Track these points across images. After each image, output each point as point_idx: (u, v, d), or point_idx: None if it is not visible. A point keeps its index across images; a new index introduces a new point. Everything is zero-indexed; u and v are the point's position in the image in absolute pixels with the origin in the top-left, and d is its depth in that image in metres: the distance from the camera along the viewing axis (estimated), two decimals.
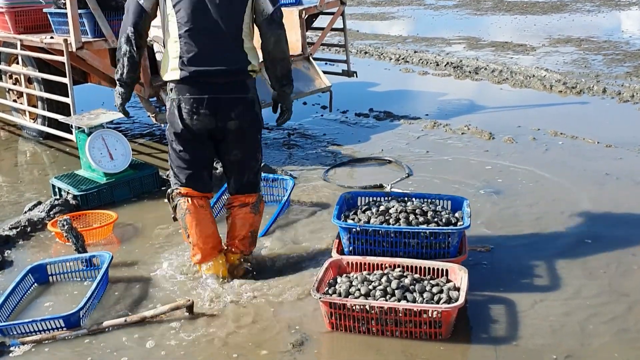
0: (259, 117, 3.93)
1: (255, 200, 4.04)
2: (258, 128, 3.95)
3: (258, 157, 4.01)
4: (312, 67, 7.02)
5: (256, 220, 4.08)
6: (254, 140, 3.94)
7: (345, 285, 3.49)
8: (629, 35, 12.57)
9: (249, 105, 3.83)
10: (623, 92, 8.09)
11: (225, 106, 3.75)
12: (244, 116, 3.81)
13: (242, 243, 4.06)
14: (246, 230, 4.03)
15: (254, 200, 4.04)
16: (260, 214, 4.09)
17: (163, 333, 3.48)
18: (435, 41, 12.80)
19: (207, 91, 3.72)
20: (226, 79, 3.74)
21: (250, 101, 3.84)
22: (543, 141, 6.45)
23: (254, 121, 3.89)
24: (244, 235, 4.04)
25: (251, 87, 3.84)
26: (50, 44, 6.07)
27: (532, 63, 10.23)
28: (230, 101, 3.76)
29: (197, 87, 3.72)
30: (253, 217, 4.05)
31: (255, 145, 3.96)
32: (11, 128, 7.68)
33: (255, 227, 4.10)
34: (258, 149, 3.99)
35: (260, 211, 4.08)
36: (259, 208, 4.07)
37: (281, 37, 3.86)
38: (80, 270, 4.10)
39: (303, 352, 3.28)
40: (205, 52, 3.69)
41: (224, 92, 3.75)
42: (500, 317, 3.52)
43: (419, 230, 3.77)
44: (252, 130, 3.90)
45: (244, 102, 3.81)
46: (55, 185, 5.30)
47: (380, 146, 6.52)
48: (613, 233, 4.44)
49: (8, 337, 3.47)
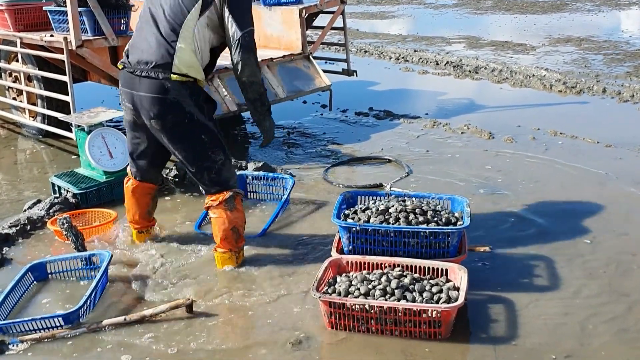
0: (194, 117, 3.82)
1: (226, 197, 3.98)
2: (193, 128, 3.85)
3: (211, 156, 3.91)
4: (312, 66, 7.02)
5: (234, 217, 4.01)
6: (193, 140, 3.86)
7: (345, 284, 3.49)
8: (629, 35, 12.57)
9: (171, 106, 3.77)
10: (623, 92, 8.10)
11: (145, 104, 3.81)
12: (166, 117, 3.79)
13: (226, 242, 4.05)
14: (225, 229, 4.01)
15: (225, 197, 3.98)
16: (237, 210, 4.01)
17: (162, 332, 3.48)
18: (435, 40, 12.80)
19: (130, 85, 3.85)
20: (142, 72, 3.78)
21: (171, 102, 3.77)
22: (543, 141, 6.45)
23: (181, 122, 3.82)
24: (224, 234, 4.02)
25: (173, 89, 3.75)
26: (50, 42, 6.06)
27: (532, 62, 10.23)
28: (147, 100, 3.79)
29: (123, 78, 3.89)
30: (229, 215, 3.99)
31: (198, 144, 3.88)
32: (11, 126, 7.67)
33: (236, 224, 4.02)
34: (206, 148, 3.89)
35: (236, 207, 4.01)
36: (234, 204, 3.99)
37: (248, 62, 3.88)
38: (80, 268, 4.09)
39: (302, 351, 3.28)
40: (137, 44, 3.88)
41: (142, 89, 3.79)
42: (499, 317, 3.52)
43: (419, 230, 3.76)
44: (182, 131, 3.84)
45: (164, 103, 3.76)
46: (55, 184, 5.29)
47: (380, 145, 6.52)
48: (613, 233, 4.44)
49: (7, 335, 3.47)
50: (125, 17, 6.01)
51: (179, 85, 3.77)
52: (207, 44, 3.88)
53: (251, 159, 6.04)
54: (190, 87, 3.82)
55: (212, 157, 3.92)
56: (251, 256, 4.27)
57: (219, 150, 3.94)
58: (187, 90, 3.80)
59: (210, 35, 3.87)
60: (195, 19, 3.77)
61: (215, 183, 3.99)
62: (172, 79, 3.75)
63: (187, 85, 3.81)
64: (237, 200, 4.03)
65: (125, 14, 6.00)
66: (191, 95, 3.82)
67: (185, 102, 3.80)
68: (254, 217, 4.88)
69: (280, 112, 7.72)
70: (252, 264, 4.17)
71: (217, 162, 3.95)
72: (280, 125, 7.39)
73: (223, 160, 3.96)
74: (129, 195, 4.35)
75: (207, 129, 3.90)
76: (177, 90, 3.77)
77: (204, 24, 3.80)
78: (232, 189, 4.02)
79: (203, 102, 3.91)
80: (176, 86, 3.77)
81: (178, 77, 3.76)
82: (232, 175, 4.07)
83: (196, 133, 3.87)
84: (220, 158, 3.95)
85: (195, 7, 3.77)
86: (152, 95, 3.77)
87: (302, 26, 6.98)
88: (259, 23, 7.33)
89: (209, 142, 3.91)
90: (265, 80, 6.55)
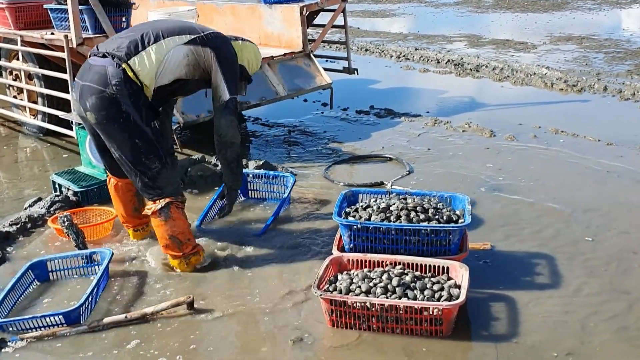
0: (129, 118, 3.76)
1: (160, 207, 3.91)
2: (126, 129, 3.79)
3: (145, 162, 3.84)
4: (312, 64, 7.02)
5: (169, 226, 3.93)
6: (125, 142, 3.81)
7: (346, 282, 3.48)
8: (630, 33, 12.55)
9: (107, 101, 3.75)
10: (624, 90, 8.09)
11: (84, 94, 3.81)
12: (99, 111, 3.77)
13: (169, 250, 4.02)
14: (164, 238, 3.98)
15: (158, 207, 3.91)
16: (172, 219, 3.92)
17: (163, 330, 3.48)
18: (436, 38, 12.79)
19: (80, 75, 3.88)
20: (97, 57, 3.83)
21: (108, 97, 3.74)
22: (544, 139, 6.44)
23: (115, 120, 3.77)
24: (164, 243, 4.00)
25: (113, 83, 3.73)
26: (50, 40, 6.06)
27: (533, 61, 10.22)
28: (87, 89, 3.79)
29: (81, 69, 3.94)
30: (163, 225, 3.93)
31: (131, 148, 3.81)
32: (11, 124, 7.66)
33: (173, 232, 3.94)
34: (140, 154, 3.83)
35: (171, 216, 3.91)
36: (169, 213, 3.91)
37: (233, 123, 4.02)
38: (81, 266, 4.09)
39: (303, 349, 3.28)
40: (113, 40, 3.97)
41: (87, 78, 3.81)
42: (501, 315, 3.51)
43: (420, 228, 3.76)
44: (115, 129, 3.80)
45: (100, 95, 3.74)
46: (56, 182, 5.29)
47: (381, 144, 6.51)
48: (614, 231, 4.44)
49: (8, 333, 3.47)
50: (125, 15, 6.00)
51: (123, 80, 3.74)
52: (174, 70, 3.90)
53: (252, 158, 6.04)
54: (134, 88, 3.79)
55: (146, 163, 3.86)
56: (252, 254, 4.27)
57: (154, 157, 3.86)
58: (128, 89, 3.76)
59: (181, 66, 3.90)
60: (179, 43, 3.87)
61: (149, 188, 3.92)
62: (122, 67, 3.75)
63: (131, 85, 3.78)
64: (172, 209, 3.93)
65: (125, 12, 5.99)
66: (130, 96, 3.78)
67: (123, 101, 3.76)
68: (255, 215, 4.88)
69: (281, 110, 7.72)
70: (253, 262, 4.17)
71: (152, 169, 3.87)
72: (281, 123, 7.39)
73: (159, 168, 3.88)
74: (113, 194, 4.38)
75: (142, 133, 3.82)
76: (118, 86, 3.74)
77: (184, 53, 3.88)
78: (167, 197, 3.93)
79: (143, 106, 3.84)
80: (119, 80, 3.73)
81: (128, 69, 3.75)
82: (169, 183, 3.96)
83: (129, 135, 3.81)
84: (156, 166, 3.87)
85: (186, 35, 3.91)
86: (93, 85, 3.76)
87: (302, 24, 6.97)
88: (260, 21, 7.35)
89: (144, 148, 3.83)
90: (266, 78, 6.55)
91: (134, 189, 4.25)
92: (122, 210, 4.41)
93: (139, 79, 3.80)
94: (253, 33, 7.41)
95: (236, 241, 4.45)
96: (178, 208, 3.98)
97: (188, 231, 4.04)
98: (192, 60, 3.91)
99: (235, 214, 4.77)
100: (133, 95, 3.79)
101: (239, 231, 4.62)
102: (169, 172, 3.97)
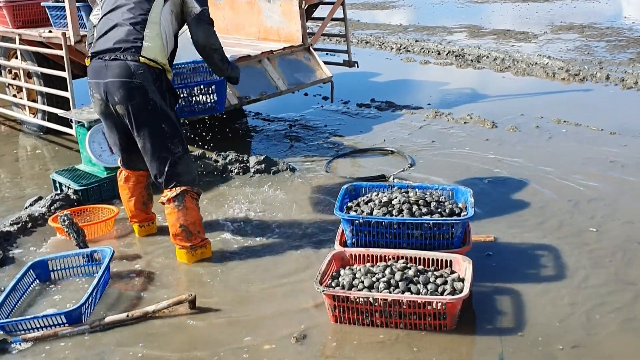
0: (157, 104, 3.92)
1: (175, 194, 4.01)
2: (155, 116, 3.94)
3: (170, 147, 3.98)
4: (312, 58, 6.97)
5: (182, 215, 4.01)
6: (154, 128, 3.95)
7: (349, 277, 3.46)
8: (632, 21, 12.49)
9: (136, 91, 3.88)
10: (626, 79, 8.04)
11: (111, 89, 3.90)
12: (129, 101, 3.88)
13: (177, 239, 4.08)
14: (175, 227, 4.04)
15: (174, 194, 4.01)
16: (186, 208, 4.01)
17: (165, 328, 3.46)
18: (436, 30, 12.74)
19: (97, 75, 3.95)
20: (111, 57, 3.90)
21: (136, 87, 3.87)
22: (546, 129, 6.40)
23: (144, 108, 3.91)
24: (174, 232, 4.06)
25: (139, 73, 3.87)
26: (48, 38, 6.04)
27: (534, 51, 10.17)
28: (113, 84, 3.89)
29: (92, 70, 4.00)
30: (176, 212, 4.02)
31: (158, 133, 3.96)
32: (11, 123, 7.65)
33: (187, 222, 4.03)
34: (166, 138, 3.97)
35: (185, 205, 4.01)
36: (183, 202, 4.01)
37: (210, 31, 4.09)
38: (82, 265, 4.07)
39: (306, 345, 3.26)
40: (105, 34, 3.97)
41: (110, 75, 3.89)
42: (505, 308, 3.49)
43: (423, 221, 3.73)
44: (144, 117, 3.92)
45: (129, 87, 3.87)
46: (56, 180, 5.27)
47: (382, 137, 6.48)
48: (619, 221, 4.40)
49: (10, 334, 3.45)
50: None
51: (146, 69, 3.89)
52: (172, 30, 4.06)
53: (253, 153, 6.01)
54: (157, 73, 3.95)
55: (171, 148, 3.99)
56: (252, 250, 4.25)
57: (179, 142, 4.02)
58: (152, 75, 3.91)
59: (174, 22, 4.05)
60: (160, 6, 3.96)
61: (168, 176, 4.01)
62: (140, 62, 3.87)
63: (154, 71, 3.93)
64: (187, 198, 4.02)
65: None
66: (155, 82, 3.92)
67: (150, 88, 3.90)
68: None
69: (282, 104, 7.70)
70: (253, 258, 4.15)
71: (175, 154, 4.00)
72: (282, 118, 7.37)
73: (181, 154, 4.02)
74: (123, 187, 4.41)
75: (169, 118, 3.99)
76: (143, 75, 3.88)
77: (169, 11, 3.99)
78: (184, 185, 4.03)
79: (166, 91, 4.02)
80: (143, 70, 3.88)
81: (146, 60, 3.89)
82: (187, 171, 4.08)
83: (158, 121, 3.95)
84: (179, 151, 4.02)
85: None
86: (119, 79, 3.87)
87: (302, 18, 6.93)
88: (259, 16, 7.30)
89: (169, 132, 3.98)
90: (266, 73, 6.51)
91: (145, 182, 4.39)
92: (131, 204, 4.43)
93: (157, 62, 3.93)
94: (252, 27, 7.39)
95: (236, 237, 4.44)
96: (193, 198, 4.08)
97: (199, 223, 4.11)
98: (175, 9, 4.03)
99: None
100: (157, 80, 3.94)
101: (238, 227, 4.61)
102: (188, 159, 4.11)
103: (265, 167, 5.59)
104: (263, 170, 5.57)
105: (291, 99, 7.81)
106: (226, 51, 4.29)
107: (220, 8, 7.76)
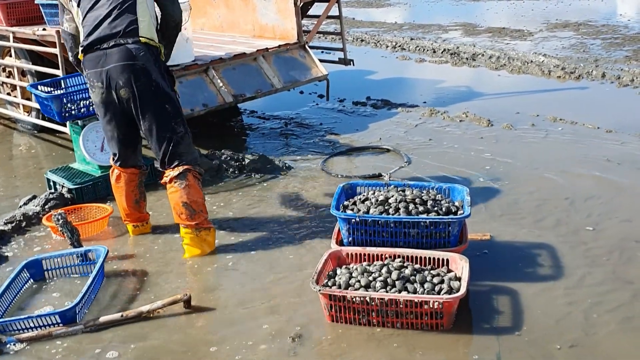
0: (159, 85, 4.01)
1: (177, 173, 4.06)
2: (158, 96, 4.01)
3: (173, 127, 4.06)
4: (308, 56, 6.95)
5: (185, 192, 4.06)
6: (158, 109, 4.02)
7: (345, 276, 3.44)
8: (628, 18, 12.49)
9: (140, 72, 3.96)
10: (622, 77, 8.03)
11: (114, 74, 3.96)
12: (135, 82, 3.95)
13: (182, 218, 4.10)
14: (178, 205, 4.08)
15: (176, 172, 4.06)
16: (191, 186, 4.07)
17: (160, 327, 3.44)
18: (431, 28, 12.72)
19: (97, 64, 3.99)
20: (110, 44, 3.96)
21: (140, 69, 3.96)
22: (542, 127, 6.39)
23: (148, 89, 3.98)
24: (177, 211, 4.10)
25: (141, 55, 3.96)
26: (42, 36, 6.00)
27: (529, 48, 10.16)
28: (116, 69, 3.95)
29: (89, 61, 4.03)
30: (178, 191, 4.07)
31: (162, 114, 4.03)
32: (5, 121, 7.62)
33: (190, 199, 4.07)
34: (169, 118, 4.05)
35: (190, 183, 4.06)
36: (185, 180, 4.06)
37: (180, 8, 4.29)
38: (76, 265, 4.05)
39: (303, 345, 3.24)
40: (97, 24, 4.01)
41: (111, 61, 3.95)
42: (502, 307, 3.47)
43: (419, 220, 3.71)
44: (149, 98, 3.99)
45: (132, 69, 3.94)
46: (50, 179, 5.24)
47: (378, 135, 6.46)
48: (615, 220, 4.39)
49: (4, 334, 3.42)
50: None
51: (146, 51, 3.99)
52: (153, 9, 4.19)
53: (248, 151, 5.99)
54: (155, 54, 4.07)
55: (174, 127, 4.06)
56: (248, 250, 4.23)
57: (180, 121, 4.11)
58: (152, 57, 4.02)
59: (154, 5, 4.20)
60: None
61: (171, 155, 4.07)
62: (141, 42, 3.98)
63: (153, 52, 4.05)
64: (189, 176, 4.08)
65: None
66: (155, 62, 4.03)
67: (152, 69, 3.99)
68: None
69: (277, 102, 7.68)
70: (249, 257, 4.13)
71: (177, 133, 4.07)
72: (277, 116, 7.34)
73: (183, 133, 4.10)
74: (115, 185, 4.42)
75: (171, 99, 4.09)
76: (145, 57, 3.98)
77: None
78: (186, 164, 4.08)
79: (165, 71, 4.13)
80: (144, 52, 3.98)
81: (146, 39, 4.00)
82: (189, 151, 4.15)
83: (161, 102, 4.03)
84: (181, 130, 4.10)
85: None
86: (122, 63, 3.94)
87: (297, 15, 6.90)
88: (254, 13, 7.28)
89: (172, 112, 4.07)
90: (261, 70, 6.49)
91: (137, 180, 4.40)
92: (124, 203, 4.42)
93: (154, 40, 4.06)
94: (247, 25, 7.36)
95: (232, 236, 4.42)
96: (195, 177, 4.13)
97: (202, 203, 4.16)
98: None
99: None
100: (157, 61, 4.06)
101: (234, 226, 4.58)
102: (190, 139, 4.17)
103: (261, 165, 5.57)
104: (258, 169, 5.54)
105: (287, 97, 7.78)
106: (222, 49, 4.31)
107: (214, 5, 7.74)
